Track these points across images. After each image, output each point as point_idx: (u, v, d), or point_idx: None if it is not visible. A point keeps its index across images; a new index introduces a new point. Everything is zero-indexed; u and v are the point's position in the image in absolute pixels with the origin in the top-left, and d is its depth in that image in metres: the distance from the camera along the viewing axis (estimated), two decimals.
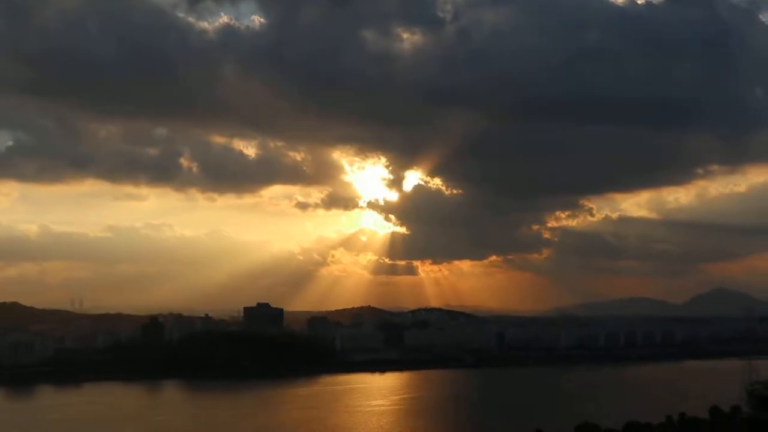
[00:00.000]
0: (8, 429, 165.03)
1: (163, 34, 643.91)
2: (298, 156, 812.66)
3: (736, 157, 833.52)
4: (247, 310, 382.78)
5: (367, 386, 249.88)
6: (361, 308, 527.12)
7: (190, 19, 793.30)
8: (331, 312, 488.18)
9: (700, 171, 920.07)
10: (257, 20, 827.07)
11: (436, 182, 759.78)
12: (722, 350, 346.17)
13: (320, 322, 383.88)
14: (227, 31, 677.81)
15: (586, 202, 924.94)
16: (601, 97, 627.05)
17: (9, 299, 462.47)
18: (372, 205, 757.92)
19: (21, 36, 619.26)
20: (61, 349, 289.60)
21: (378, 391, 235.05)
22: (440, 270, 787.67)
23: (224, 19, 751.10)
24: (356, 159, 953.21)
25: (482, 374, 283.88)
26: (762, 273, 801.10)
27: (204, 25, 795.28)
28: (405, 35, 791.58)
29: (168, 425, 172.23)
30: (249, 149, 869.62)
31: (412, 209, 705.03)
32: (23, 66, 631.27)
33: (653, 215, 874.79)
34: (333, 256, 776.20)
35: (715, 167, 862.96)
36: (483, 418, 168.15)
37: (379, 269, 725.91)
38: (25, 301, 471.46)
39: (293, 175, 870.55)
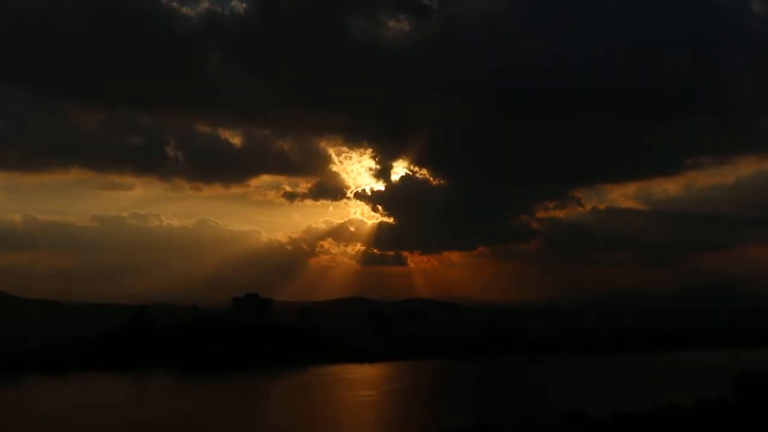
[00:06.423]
0: None
1: (146, 20, 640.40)
2: (284, 145, 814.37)
3: (726, 148, 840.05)
4: (235, 300, 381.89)
5: (355, 377, 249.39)
6: (350, 298, 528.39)
7: (174, 5, 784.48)
8: (320, 302, 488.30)
9: (690, 162, 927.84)
10: (240, 6, 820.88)
11: (423, 172, 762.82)
12: (710, 341, 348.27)
13: (309, 312, 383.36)
14: (210, 17, 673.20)
15: (575, 193, 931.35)
16: (589, 87, 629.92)
17: None
18: (359, 196, 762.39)
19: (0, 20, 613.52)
20: (48, 339, 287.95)
21: (367, 382, 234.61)
22: (429, 260, 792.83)
23: (205, 4, 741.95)
24: (343, 149, 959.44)
25: (471, 364, 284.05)
26: (749, 264, 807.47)
27: (187, 11, 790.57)
28: (391, 23, 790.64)
29: (154, 415, 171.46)
30: (235, 138, 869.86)
31: (399, 199, 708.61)
32: (3, 52, 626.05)
33: (641, 206, 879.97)
34: (321, 246, 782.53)
35: (705, 158, 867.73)
36: (471, 408, 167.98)
37: (367, 259, 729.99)
38: (13, 291, 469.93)
39: (280, 165, 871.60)
